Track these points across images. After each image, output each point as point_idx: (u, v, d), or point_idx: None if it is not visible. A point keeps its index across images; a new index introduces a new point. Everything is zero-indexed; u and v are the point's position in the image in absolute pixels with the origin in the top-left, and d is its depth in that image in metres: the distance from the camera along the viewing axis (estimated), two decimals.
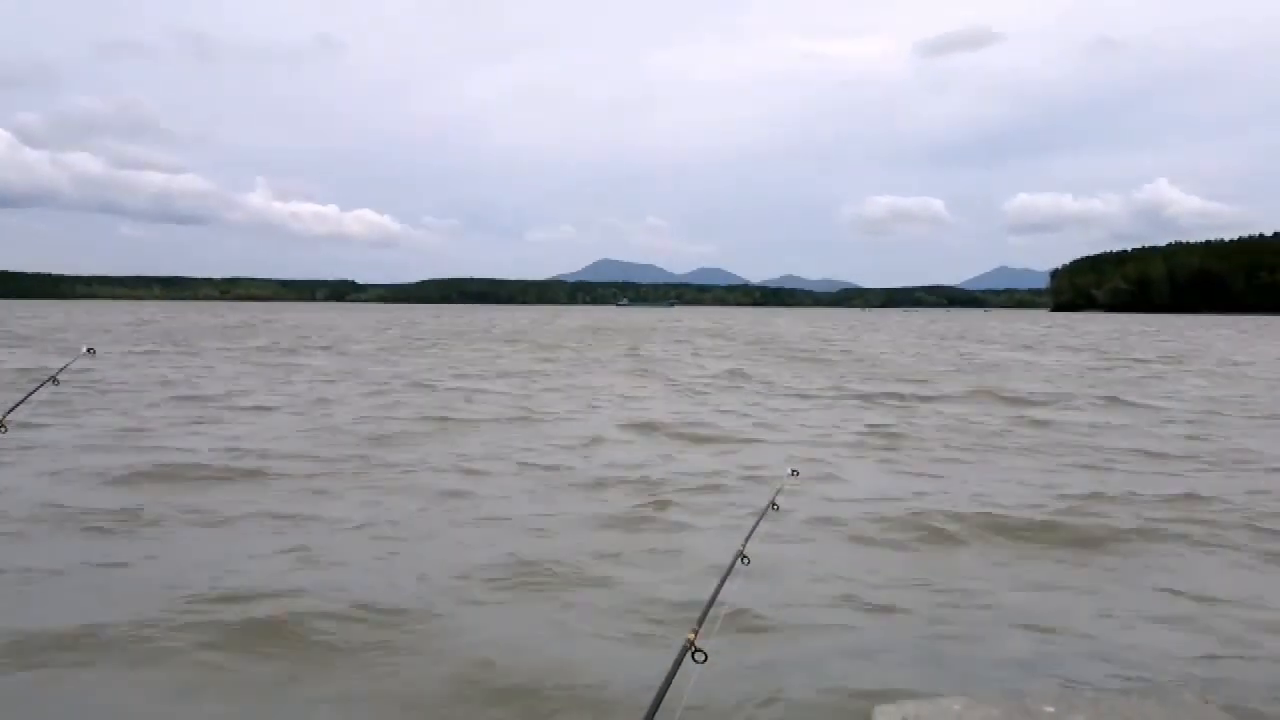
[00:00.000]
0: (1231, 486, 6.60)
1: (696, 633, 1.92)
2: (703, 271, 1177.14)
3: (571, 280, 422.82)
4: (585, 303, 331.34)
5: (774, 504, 2.82)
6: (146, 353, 20.04)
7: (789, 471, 3.27)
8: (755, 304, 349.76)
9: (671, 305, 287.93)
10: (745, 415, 10.53)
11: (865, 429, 9.45)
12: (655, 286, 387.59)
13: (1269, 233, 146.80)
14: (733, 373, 16.78)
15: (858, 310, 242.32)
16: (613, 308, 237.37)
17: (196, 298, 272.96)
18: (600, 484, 6.46)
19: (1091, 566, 4.75)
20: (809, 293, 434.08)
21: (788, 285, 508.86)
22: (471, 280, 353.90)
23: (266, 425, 9.07)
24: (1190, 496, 6.19)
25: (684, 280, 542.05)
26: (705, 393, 13.11)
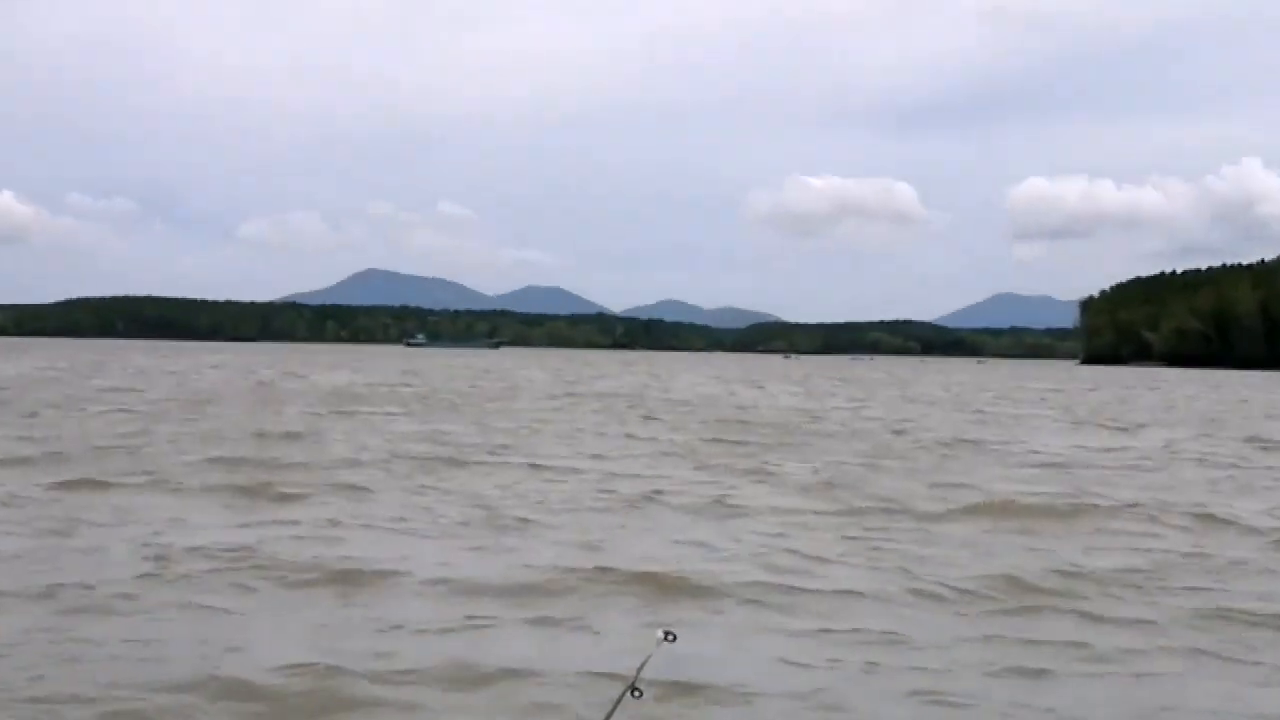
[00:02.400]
0: None
1: None
2: (532, 293, 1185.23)
3: (316, 304, 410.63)
4: (339, 339, 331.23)
5: (634, 688, 3.32)
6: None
7: (661, 635, 3.63)
8: (615, 344, 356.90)
9: (495, 345, 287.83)
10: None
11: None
12: (456, 316, 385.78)
13: None
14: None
15: (777, 358, 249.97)
16: (396, 349, 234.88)
17: None
18: None
19: None
20: (701, 329, 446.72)
21: (668, 315, 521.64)
22: (150, 300, 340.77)
23: None
24: None
25: (503, 305, 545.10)
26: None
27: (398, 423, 26.74)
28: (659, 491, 15.12)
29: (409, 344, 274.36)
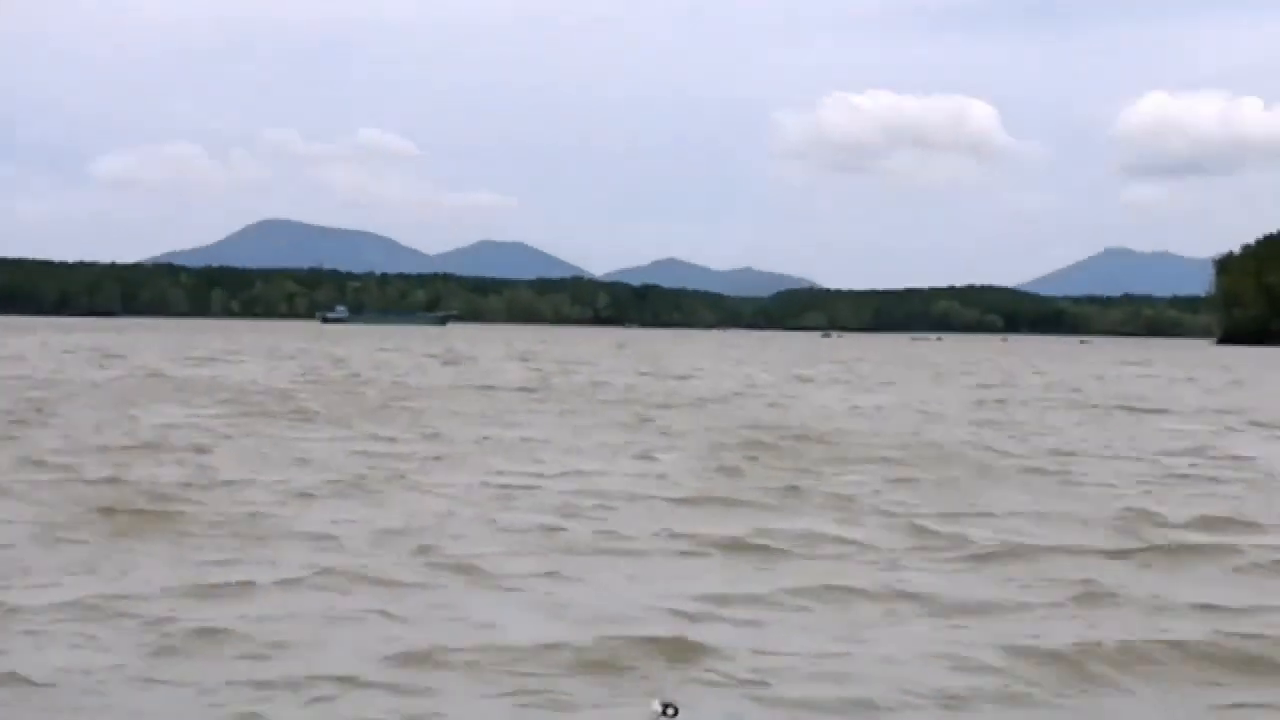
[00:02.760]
0: None
1: None
2: (487, 250, 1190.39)
3: (199, 265, 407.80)
4: (229, 312, 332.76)
5: None
6: None
7: (659, 708, 5.44)
8: (598, 318, 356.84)
9: (442, 321, 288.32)
10: None
11: None
12: (386, 281, 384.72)
13: None
14: None
15: (816, 336, 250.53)
16: (309, 326, 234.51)
17: None
18: None
19: None
20: (711, 297, 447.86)
21: (666, 280, 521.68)
22: None
23: None
24: None
25: (448, 267, 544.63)
26: None
27: (308, 439, 26.05)
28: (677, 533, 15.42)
29: (326, 320, 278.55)
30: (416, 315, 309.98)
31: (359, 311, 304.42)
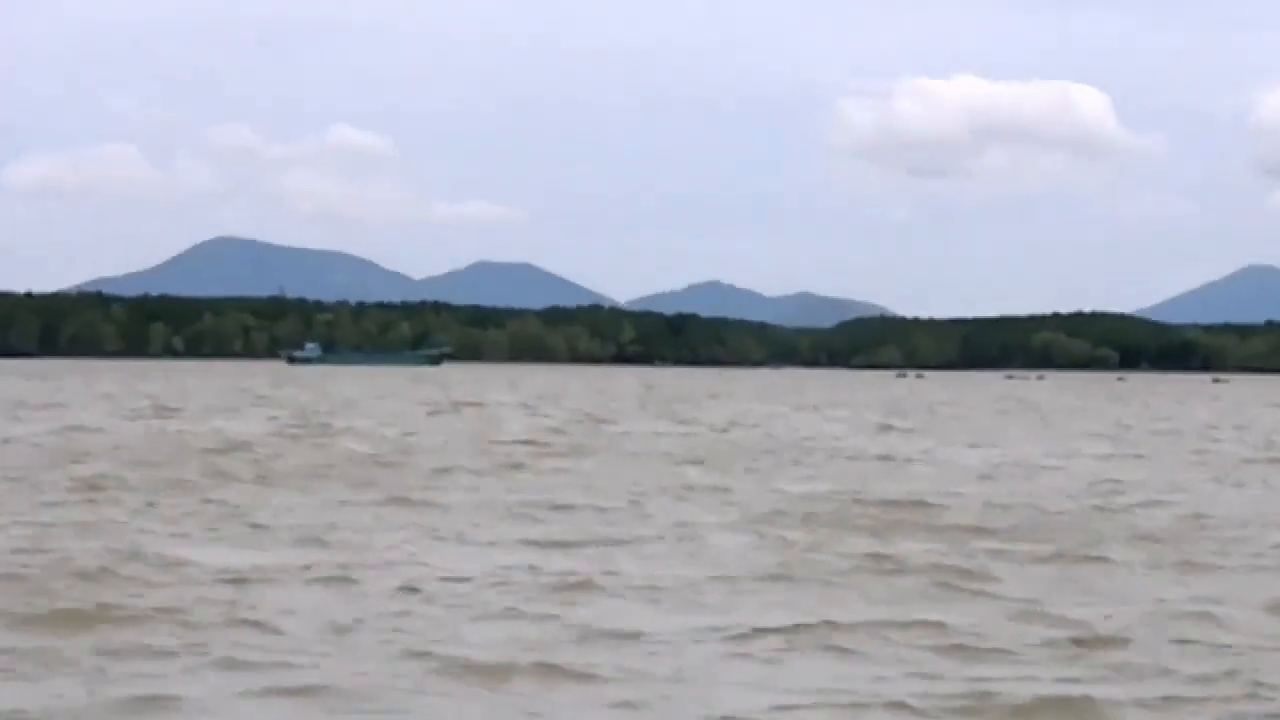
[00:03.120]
0: None
1: None
2: (485, 272, 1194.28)
3: (135, 294, 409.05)
4: (171, 351, 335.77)
5: None
6: None
7: None
8: (621, 355, 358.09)
9: (435, 360, 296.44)
10: None
11: None
12: (363, 311, 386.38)
13: None
14: None
15: (890, 376, 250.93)
16: (272, 366, 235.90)
17: None
18: None
19: None
20: (764, 328, 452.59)
21: (706, 309, 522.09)
22: None
23: None
24: None
25: (439, 294, 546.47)
26: None
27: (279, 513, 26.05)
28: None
29: (293, 359, 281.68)
30: (404, 354, 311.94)
31: (331, 350, 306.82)
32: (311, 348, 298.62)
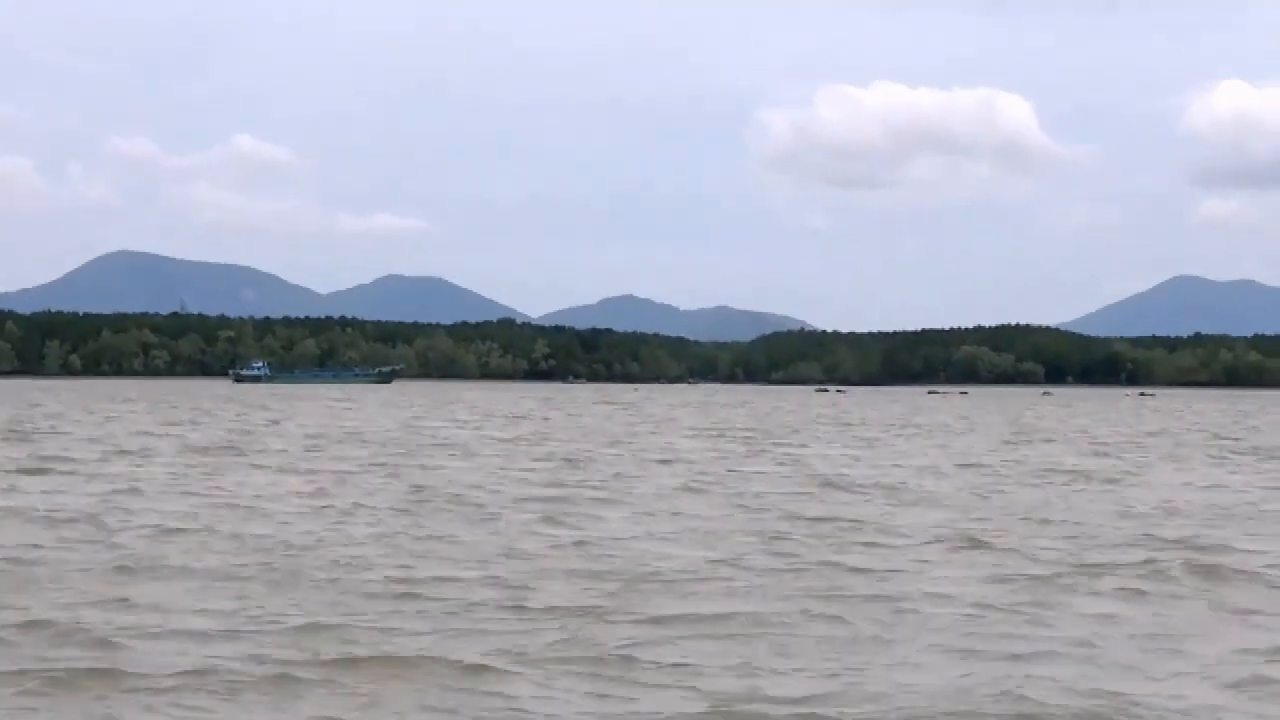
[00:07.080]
0: None
1: None
2: (393, 286, 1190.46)
3: (30, 311, 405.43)
4: (67, 369, 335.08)
5: None
6: None
7: None
8: (534, 371, 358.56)
9: (387, 378, 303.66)
10: None
11: None
12: (269, 327, 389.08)
13: None
14: None
15: (809, 391, 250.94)
16: (219, 385, 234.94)
17: None
18: None
19: None
20: (681, 343, 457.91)
21: (621, 323, 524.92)
22: None
23: None
24: None
25: (345, 309, 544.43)
26: None
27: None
28: None
29: (240, 377, 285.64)
30: (353, 372, 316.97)
31: (284, 369, 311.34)
32: (258, 366, 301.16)
